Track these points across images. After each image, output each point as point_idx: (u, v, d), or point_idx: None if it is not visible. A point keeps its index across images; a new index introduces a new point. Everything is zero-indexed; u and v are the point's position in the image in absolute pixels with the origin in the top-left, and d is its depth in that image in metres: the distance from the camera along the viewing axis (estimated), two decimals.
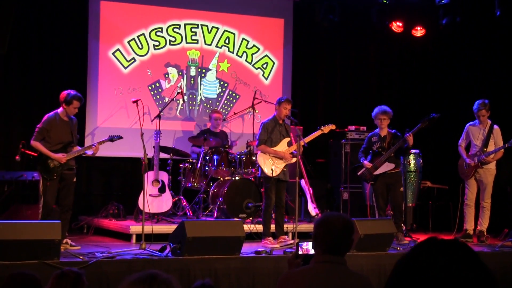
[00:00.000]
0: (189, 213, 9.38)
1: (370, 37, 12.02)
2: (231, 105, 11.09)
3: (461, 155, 9.24)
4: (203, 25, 10.98)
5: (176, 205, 9.56)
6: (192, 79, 10.92)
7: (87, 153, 7.93)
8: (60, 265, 5.90)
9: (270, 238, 8.16)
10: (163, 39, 10.75)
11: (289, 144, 8.41)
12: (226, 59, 11.11)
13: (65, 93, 7.66)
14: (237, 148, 10.44)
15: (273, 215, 8.38)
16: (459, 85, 11.68)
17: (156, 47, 10.70)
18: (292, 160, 8.33)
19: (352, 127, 10.63)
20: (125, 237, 8.53)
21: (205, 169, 9.60)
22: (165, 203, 9.17)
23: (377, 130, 9.02)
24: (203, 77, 10.98)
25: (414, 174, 10.08)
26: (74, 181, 7.79)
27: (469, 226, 9.12)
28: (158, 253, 6.93)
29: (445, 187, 10.65)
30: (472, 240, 9.02)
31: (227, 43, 11.12)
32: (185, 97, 10.65)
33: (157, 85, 10.68)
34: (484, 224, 9.04)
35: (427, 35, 11.60)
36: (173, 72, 10.80)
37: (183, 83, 10.82)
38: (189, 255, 6.73)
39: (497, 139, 9.01)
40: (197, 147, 10.07)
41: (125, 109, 10.36)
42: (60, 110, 7.70)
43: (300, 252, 3.63)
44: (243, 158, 9.52)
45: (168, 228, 8.05)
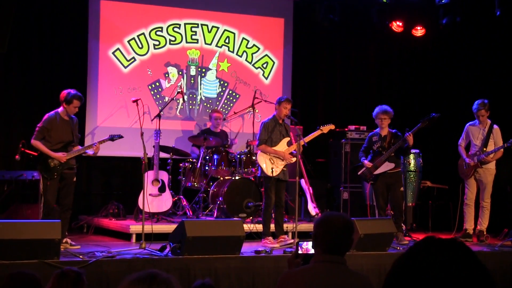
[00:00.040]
0: (189, 213, 9.38)
1: (370, 37, 12.02)
2: (231, 105, 11.09)
3: (461, 155, 9.24)
4: (203, 25, 10.98)
5: (176, 204, 9.56)
6: (192, 79, 10.92)
7: (88, 153, 7.93)
8: (60, 265, 5.90)
9: (270, 237, 8.15)
10: (163, 39, 10.75)
11: (289, 143, 8.41)
12: (226, 58, 11.10)
13: (65, 93, 7.66)
14: (237, 147, 10.43)
15: (273, 215, 8.38)
16: (459, 84, 11.69)
17: (156, 47, 10.70)
18: (292, 160, 8.33)
19: (352, 127, 10.62)
20: (125, 236, 8.53)
21: (205, 168, 9.60)
22: (165, 202, 9.17)
23: (377, 129, 9.01)
24: (203, 77, 10.98)
25: (414, 173, 10.07)
26: (74, 180, 7.78)
27: (469, 225, 9.13)
28: (158, 252, 6.93)
29: (445, 186, 10.65)
30: (471, 239, 9.02)
31: (227, 43, 11.12)
32: (185, 97, 10.64)
33: (157, 84, 10.68)
34: (483, 223, 9.04)
35: (427, 35, 11.60)
36: (173, 71, 10.79)
37: (183, 82, 10.82)
38: (189, 255, 6.73)
39: (496, 139, 9.01)
40: (197, 147, 10.08)
41: (125, 109, 10.36)
42: (60, 109, 7.70)
43: (300, 251, 3.64)
44: (243, 157, 9.52)
45: (168, 227, 8.04)
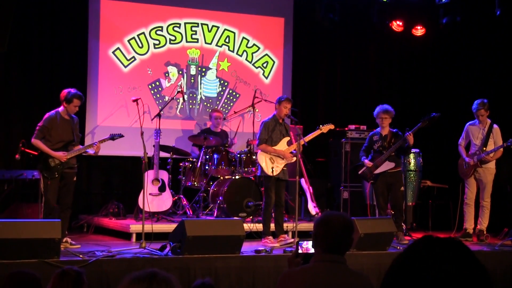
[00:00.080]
0: (189, 212, 9.38)
1: (370, 36, 12.02)
2: (231, 104, 11.09)
3: (460, 155, 9.24)
4: (203, 24, 10.98)
5: (176, 204, 9.56)
6: (192, 78, 10.91)
7: (89, 152, 7.92)
8: (60, 264, 5.90)
9: (270, 237, 8.15)
10: (163, 38, 10.75)
11: (289, 143, 8.41)
12: (226, 58, 11.10)
13: (65, 92, 7.67)
14: (237, 147, 10.43)
15: (273, 214, 8.38)
16: (459, 84, 11.69)
17: (156, 46, 10.69)
18: (292, 159, 8.33)
19: (352, 126, 10.61)
20: (125, 236, 8.53)
21: (205, 168, 9.60)
22: (165, 202, 9.17)
23: (378, 129, 9.00)
24: (203, 76, 10.98)
25: (414, 173, 10.07)
26: (74, 180, 7.78)
27: (469, 225, 9.13)
28: (158, 252, 6.93)
29: (445, 186, 10.64)
30: (472, 239, 9.02)
31: (227, 42, 11.12)
32: (185, 96, 10.64)
33: (157, 84, 10.68)
34: (483, 223, 9.05)
35: (427, 35, 11.60)
36: (173, 71, 10.79)
37: (183, 82, 10.82)
38: (189, 254, 6.73)
39: (496, 139, 9.01)
40: (197, 147, 10.07)
41: (125, 108, 10.35)
42: (61, 108, 7.71)
43: (300, 251, 3.64)
44: (243, 157, 9.52)
45: (168, 227, 8.04)
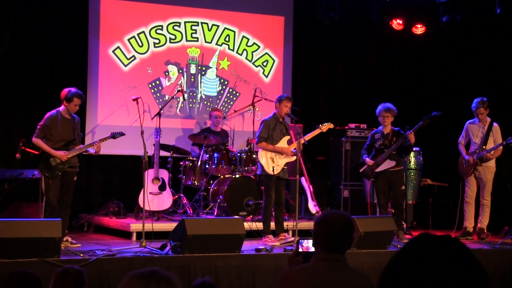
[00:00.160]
0: (190, 211, 9.38)
1: (370, 35, 12.01)
2: (231, 103, 11.08)
3: (460, 153, 9.24)
4: (203, 23, 10.97)
5: (176, 203, 9.57)
6: (192, 77, 10.91)
7: (89, 151, 7.91)
8: (60, 263, 5.91)
9: (270, 236, 8.15)
10: (163, 37, 10.74)
11: (289, 142, 8.40)
12: (226, 57, 11.10)
13: (65, 91, 7.68)
14: (237, 146, 10.43)
15: (273, 213, 8.38)
16: (459, 82, 11.68)
17: (156, 45, 10.69)
18: (292, 158, 8.33)
19: (352, 125, 10.61)
20: (125, 235, 8.54)
21: (206, 167, 9.59)
22: (165, 201, 9.17)
23: (380, 127, 8.98)
24: (203, 75, 10.98)
25: (414, 171, 10.07)
26: (74, 179, 7.78)
27: (469, 223, 9.12)
28: (158, 251, 6.93)
29: (445, 184, 10.64)
30: (472, 237, 9.02)
31: (227, 41, 11.11)
32: (185, 95, 10.64)
33: (157, 83, 10.67)
34: (484, 221, 9.04)
35: (428, 33, 11.59)
36: (173, 70, 10.79)
37: (183, 81, 10.82)
38: (190, 253, 6.74)
39: (496, 137, 9.00)
40: (197, 146, 10.06)
41: (125, 107, 10.35)
42: (61, 108, 7.71)
43: (300, 250, 3.64)
44: (243, 156, 9.51)
45: (168, 226, 8.04)
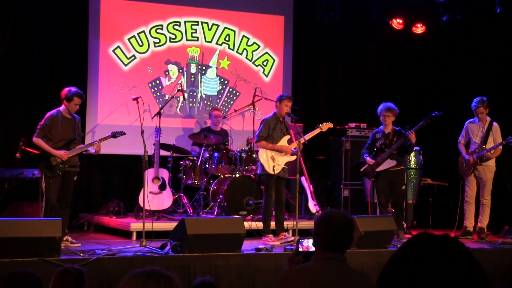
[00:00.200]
0: (190, 211, 9.38)
1: (370, 34, 12.01)
2: (232, 102, 11.08)
3: (460, 153, 9.24)
4: (203, 22, 10.97)
5: (176, 202, 9.56)
6: (192, 76, 10.91)
7: (90, 151, 7.91)
8: (60, 263, 5.91)
9: (270, 235, 8.15)
10: (163, 36, 10.74)
11: (289, 141, 8.40)
12: (226, 56, 11.09)
13: (66, 90, 7.69)
14: (237, 145, 10.43)
15: (274, 212, 8.38)
16: (459, 82, 11.68)
17: (156, 44, 10.69)
18: (292, 157, 8.33)
19: (352, 124, 10.61)
20: (125, 234, 8.53)
21: (206, 166, 9.59)
22: (165, 200, 9.17)
23: (382, 127, 8.98)
24: (203, 74, 10.98)
25: (414, 171, 10.07)
26: (74, 179, 7.78)
27: (469, 223, 9.12)
28: (158, 250, 6.93)
29: (446, 184, 10.64)
30: (472, 237, 9.02)
31: (228, 40, 11.11)
32: (186, 95, 10.64)
33: (157, 82, 10.67)
34: (484, 221, 9.04)
35: (428, 32, 11.59)
36: (173, 69, 10.79)
37: (184, 80, 10.82)
38: (190, 253, 6.74)
39: (496, 136, 8.99)
40: (198, 145, 10.06)
41: (125, 107, 10.35)
42: (62, 107, 7.71)
43: (300, 249, 3.64)
44: (244, 155, 9.51)
45: (168, 225, 8.04)
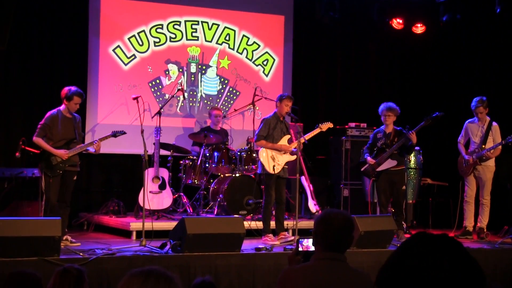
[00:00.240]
0: (189, 210, 9.38)
1: (370, 34, 12.01)
2: (232, 102, 11.08)
3: (460, 152, 9.24)
4: (203, 22, 10.97)
5: (176, 201, 9.57)
6: (192, 76, 10.91)
7: (89, 150, 7.90)
8: (60, 262, 5.91)
9: (270, 235, 8.15)
10: (163, 36, 10.74)
11: (290, 141, 8.40)
12: (226, 55, 11.09)
13: (66, 89, 7.69)
14: (237, 145, 10.43)
15: (274, 212, 8.38)
16: (459, 82, 11.68)
17: (156, 44, 10.69)
18: (292, 157, 8.33)
19: (352, 124, 10.61)
20: (125, 233, 8.54)
21: (206, 166, 9.60)
22: (165, 199, 9.17)
23: (383, 126, 8.97)
24: (203, 74, 10.98)
25: (414, 171, 10.06)
26: (74, 179, 7.78)
27: (469, 223, 9.12)
28: (158, 250, 6.94)
29: (445, 184, 10.64)
30: (472, 237, 9.02)
31: (228, 40, 11.11)
32: (186, 94, 10.64)
33: (158, 81, 10.67)
34: (483, 221, 9.04)
35: (428, 32, 11.59)
36: (173, 68, 10.79)
37: (184, 79, 10.82)
38: (190, 252, 6.74)
39: (495, 136, 8.99)
40: (198, 145, 10.05)
41: (125, 106, 10.35)
42: (62, 107, 7.72)
43: (300, 249, 3.64)
44: (244, 155, 9.51)
45: (168, 224, 8.05)
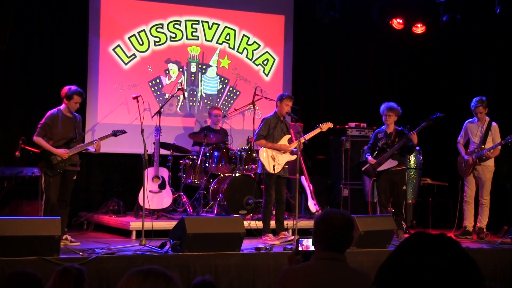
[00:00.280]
0: (189, 210, 9.38)
1: (370, 34, 12.01)
2: (232, 102, 11.08)
3: (459, 152, 9.24)
4: (203, 21, 10.97)
5: (176, 201, 9.56)
6: (192, 75, 10.91)
7: (89, 150, 7.90)
8: (59, 261, 5.91)
9: (270, 234, 8.15)
10: (163, 35, 10.74)
11: (290, 141, 8.41)
12: (226, 55, 11.09)
13: (66, 89, 7.69)
14: (237, 144, 10.43)
15: (274, 212, 8.38)
16: (459, 82, 11.68)
17: (156, 43, 10.69)
18: (292, 157, 8.33)
19: (352, 124, 10.61)
20: (125, 233, 8.54)
21: (206, 165, 9.60)
22: (165, 199, 9.17)
23: (384, 126, 8.97)
24: (203, 74, 10.98)
25: (414, 171, 10.07)
26: (74, 178, 7.78)
27: (468, 223, 9.12)
28: (158, 249, 6.93)
29: (445, 184, 10.64)
30: (471, 237, 9.02)
31: (228, 40, 11.11)
32: (186, 94, 10.64)
33: (158, 81, 10.67)
34: (483, 221, 9.04)
35: (428, 32, 11.59)
36: (173, 68, 10.79)
37: (184, 79, 10.82)
38: (189, 252, 6.74)
39: (495, 136, 8.99)
40: (198, 145, 10.05)
41: (125, 105, 10.35)
42: (62, 106, 7.72)
43: (300, 248, 3.64)
44: (244, 154, 9.51)
45: (168, 224, 8.05)
